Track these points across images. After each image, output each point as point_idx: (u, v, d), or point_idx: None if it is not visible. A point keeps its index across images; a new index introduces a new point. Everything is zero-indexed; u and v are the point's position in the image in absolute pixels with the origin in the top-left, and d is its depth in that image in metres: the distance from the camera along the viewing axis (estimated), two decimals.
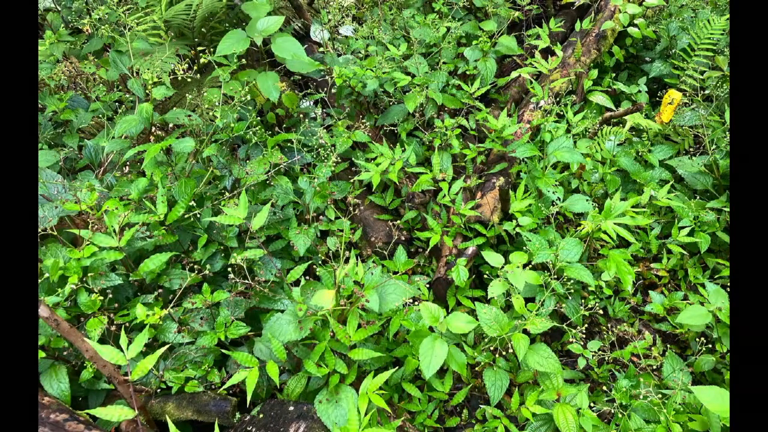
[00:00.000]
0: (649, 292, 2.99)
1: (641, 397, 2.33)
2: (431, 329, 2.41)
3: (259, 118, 3.49)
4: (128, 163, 3.08)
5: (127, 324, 2.41)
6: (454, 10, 4.46)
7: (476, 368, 2.71)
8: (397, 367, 2.54)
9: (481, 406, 2.69)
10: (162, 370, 2.35)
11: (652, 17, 4.49)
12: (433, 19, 4.18)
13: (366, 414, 2.14)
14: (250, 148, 3.25)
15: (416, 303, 2.47)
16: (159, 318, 2.28)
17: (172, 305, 2.41)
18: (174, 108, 3.85)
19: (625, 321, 3.01)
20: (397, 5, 4.84)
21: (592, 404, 2.42)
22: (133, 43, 3.16)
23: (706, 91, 3.72)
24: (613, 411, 2.39)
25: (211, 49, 3.41)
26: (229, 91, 3.00)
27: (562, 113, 3.80)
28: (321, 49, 4.28)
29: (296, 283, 2.63)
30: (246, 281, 2.39)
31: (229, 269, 2.43)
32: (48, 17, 4.16)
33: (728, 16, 3.94)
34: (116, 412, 1.87)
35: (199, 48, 3.39)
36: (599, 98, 3.94)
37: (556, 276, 2.66)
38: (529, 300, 2.76)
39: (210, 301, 2.42)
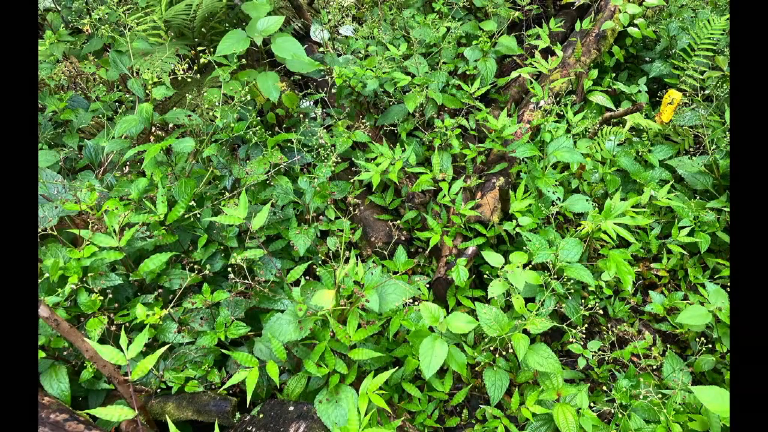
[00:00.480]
0: (649, 292, 2.98)
1: (641, 397, 2.33)
2: (431, 329, 2.41)
3: (259, 118, 3.48)
4: (128, 163, 3.08)
5: (127, 324, 2.40)
6: (454, 10, 4.46)
7: (476, 368, 2.71)
8: (397, 367, 2.54)
9: (481, 406, 2.69)
10: (162, 370, 2.35)
11: (652, 17, 4.49)
12: (433, 19, 4.18)
13: (366, 414, 2.14)
14: (250, 148, 3.25)
15: (416, 303, 2.47)
16: (159, 318, 2.28)
17: (172, 305, 2.41)
18: (174, 108, 3.85)
19: (625, 321, 3.01)
20: (397, 5, 4.84)
21: (592, 404, 2.42)
22: (133, 43, 3.16)
23: (706, 91, 3.72)
24: (613, 411, 2.39)
25: (211, 49, 3.41)
26: (229, 91, 3.00)
27: (562, 113, 3.80)
28: (321, 49, 4.28)
29: (296, 283, 2.63)
30: (246, 281, 2.39)
31: (229, 269, 2.43)
32: (48, 17, 4.16)
33: (728, 16, 3.94)
34: (116, 412, 1.87)
35: (199, 48, 3.39)
36: (599, 98, 3.94)
37: (556, 276, 2.66)
38: (529, 300, 2.76)
39: (210, 301, 2.42)
